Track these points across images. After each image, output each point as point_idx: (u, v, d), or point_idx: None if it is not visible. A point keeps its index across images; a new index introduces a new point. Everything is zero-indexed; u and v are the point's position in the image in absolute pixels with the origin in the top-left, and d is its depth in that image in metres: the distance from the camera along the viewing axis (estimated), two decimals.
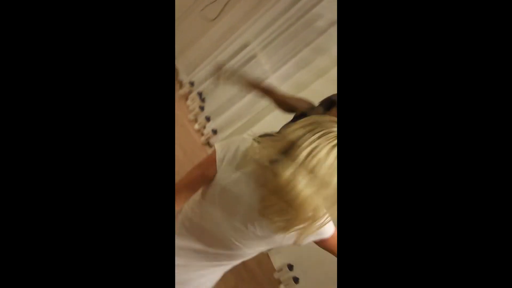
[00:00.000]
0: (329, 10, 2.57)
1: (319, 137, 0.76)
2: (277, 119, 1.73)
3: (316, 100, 1.61)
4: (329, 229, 0.96)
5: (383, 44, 0.62)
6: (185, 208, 1.01)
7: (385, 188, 0.60)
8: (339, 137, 0.69)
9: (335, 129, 0.77)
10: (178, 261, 0.95)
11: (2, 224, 0.56)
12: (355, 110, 0.63)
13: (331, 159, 0.75)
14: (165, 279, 0.61)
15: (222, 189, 0.90)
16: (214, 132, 2.83)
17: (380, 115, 0.61)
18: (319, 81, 2.49)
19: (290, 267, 2.53)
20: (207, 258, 1.00)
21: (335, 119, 0.80)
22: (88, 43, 0.61)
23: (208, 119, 2.86)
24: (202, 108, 2.88)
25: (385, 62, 0.62)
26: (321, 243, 1.00)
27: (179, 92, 2.94)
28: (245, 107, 2.78)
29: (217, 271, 1.06)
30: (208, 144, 2.84)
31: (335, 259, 2.56)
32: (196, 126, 2.87)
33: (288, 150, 0.77)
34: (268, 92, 1.64)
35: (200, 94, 2.91)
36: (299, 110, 1.60)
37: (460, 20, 0.59)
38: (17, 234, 0.56)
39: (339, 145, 0.71)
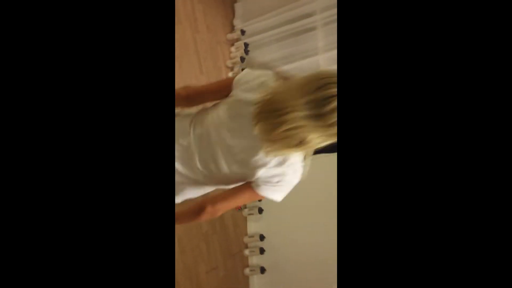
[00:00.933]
0: None
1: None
2: None
3: None
4: (293, 176, 0.99)
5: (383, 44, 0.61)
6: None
7: (382, 189, 0.60)
8: (339, 138, 0.69)
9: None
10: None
11: (2, 224, 0.56)
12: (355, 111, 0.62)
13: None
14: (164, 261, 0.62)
15: (233, 102, 1.00)
16: None
17: (380, 115, 0.61)
18: None
19: (262, 237, 2.59)
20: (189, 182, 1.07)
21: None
22: None
23: None
24: (242, 60, 2.85)
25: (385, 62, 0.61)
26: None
27: (227, 36, 2.91)
28: None
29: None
30: None
31: (308, 245, 2.57)
32: (230, 74, 2.86)
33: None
34: None
35: (246, 45, 2.87)
36: None
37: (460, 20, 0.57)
38: (15, 231, 0.56)
39: (339, 147, 0.71)
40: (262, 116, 0.87)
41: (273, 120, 0.85)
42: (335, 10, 2.66)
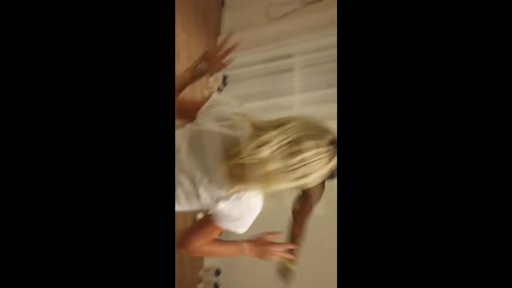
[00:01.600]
0: None
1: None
2: None
3: None
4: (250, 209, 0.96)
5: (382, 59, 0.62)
6: None
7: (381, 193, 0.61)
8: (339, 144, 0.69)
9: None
10: None
11: (2, 224, 0.55)
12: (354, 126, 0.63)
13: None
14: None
15: (195, 130, 0.97)
16: None
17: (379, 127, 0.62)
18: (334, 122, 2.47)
19: (218, 272, 2.51)
20: None
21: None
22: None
23: None
24: (219, 90, 2.88)
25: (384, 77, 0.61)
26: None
27: None
28: (258, 110, 2.78)
29: None
30: None
31: (265, 283, 2.52)
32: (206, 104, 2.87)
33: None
34: None
35: (225, 77, 2.91)
36: None
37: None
38: (17, 234, 0.56)
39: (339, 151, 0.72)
40: (234, 157, 0.82)
41: (247, 161, 0.80)
42: (314, 55, 2.76)
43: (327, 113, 2.58)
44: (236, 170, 0.82)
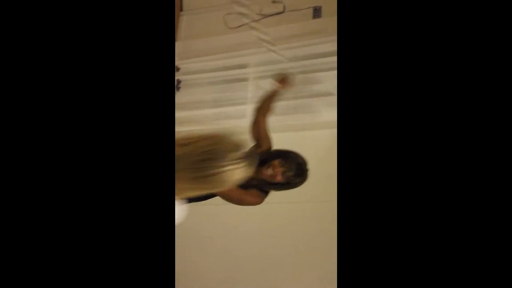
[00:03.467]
0: (329, 82, 2.67)
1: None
2: None
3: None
4: None
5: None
6: None
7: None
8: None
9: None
10: None
11: (2, 224, 0.54)
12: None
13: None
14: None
15: None
16: None
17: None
18: (285, 134, 2.53)
19: None
20: None
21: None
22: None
23: None
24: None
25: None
26: None
27: None
28: (210, 117, 2.78)
29: None
30: None
31: None
32: None
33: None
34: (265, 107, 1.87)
35: (179, 82, 2.88)
36: (259, 147, 1.65)
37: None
38: (20, 235, 0.55)
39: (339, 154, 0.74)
40: None
41: None
42: (269, 67, 2.82)
43: (276, 125, 2.64)
44: None
